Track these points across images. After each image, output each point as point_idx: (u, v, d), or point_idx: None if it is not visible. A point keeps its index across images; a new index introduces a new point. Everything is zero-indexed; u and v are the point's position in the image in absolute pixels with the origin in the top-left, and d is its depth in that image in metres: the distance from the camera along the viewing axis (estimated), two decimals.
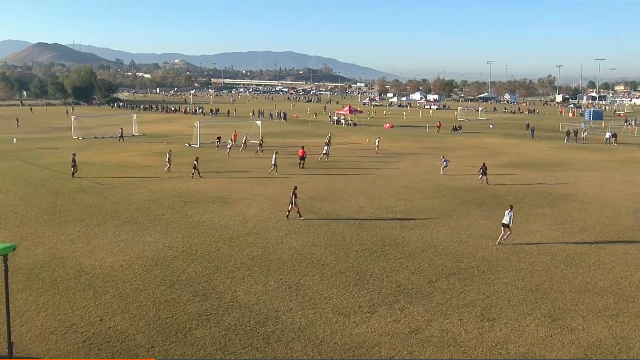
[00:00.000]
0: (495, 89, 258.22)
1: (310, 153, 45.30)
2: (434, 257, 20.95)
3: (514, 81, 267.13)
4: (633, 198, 32.05)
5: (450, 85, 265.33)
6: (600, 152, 54.82)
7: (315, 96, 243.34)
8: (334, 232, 24.29)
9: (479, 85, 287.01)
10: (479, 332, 14.82)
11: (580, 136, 67.43)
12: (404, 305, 16.52)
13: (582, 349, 13.94)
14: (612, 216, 27.71)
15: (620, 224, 26.36)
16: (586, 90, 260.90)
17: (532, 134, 70.08)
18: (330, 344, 14.10)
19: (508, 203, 30.48)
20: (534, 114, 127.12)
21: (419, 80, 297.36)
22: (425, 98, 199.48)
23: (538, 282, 18.56)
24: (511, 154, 52.29)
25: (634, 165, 46.31)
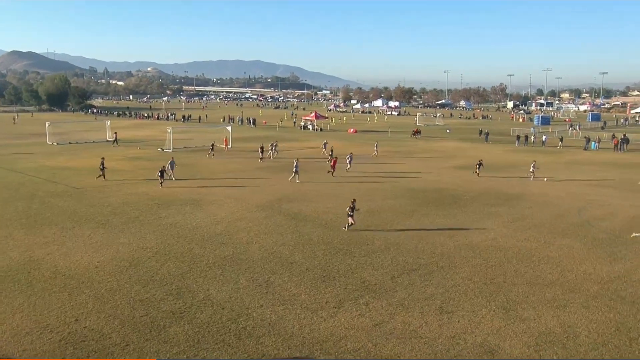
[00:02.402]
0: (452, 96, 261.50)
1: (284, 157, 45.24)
2: (396, 255, 21.11)
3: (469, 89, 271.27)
4: (578, 197, 32.86)
5: (410, 92, 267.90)
6: (548, 155, 56.04)
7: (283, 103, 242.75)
8: (302, 232, 24.26)
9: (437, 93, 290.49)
10: (438, 324, 14.98)
11: (530, 140, 68.84)
12: (368, 300, 16.59)
13: (534, 338, 14.21)
14: (559, 214, 28.35)
15: (567, 221, 26.98)
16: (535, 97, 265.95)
17: (486, 138, 71.28)
18: (299, 338, 14.07)
19: (464, 203, 31.00)
20: (488, 120, 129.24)
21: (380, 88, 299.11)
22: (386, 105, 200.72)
23: (492, 276, 18.87)
24: (467, 157, 53.02)
25: (578, 166, 47.53)
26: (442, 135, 79.80)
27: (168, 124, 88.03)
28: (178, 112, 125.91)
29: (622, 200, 31.92)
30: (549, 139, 68.54)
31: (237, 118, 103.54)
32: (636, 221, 26.87)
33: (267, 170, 42.35)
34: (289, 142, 64.69)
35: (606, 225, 26.18)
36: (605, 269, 19.65)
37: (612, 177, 40.90)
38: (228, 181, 37.13)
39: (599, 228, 25.60)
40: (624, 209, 29.68)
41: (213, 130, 67.76)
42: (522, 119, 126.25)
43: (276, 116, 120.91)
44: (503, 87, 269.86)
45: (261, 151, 47.72)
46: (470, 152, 57.41)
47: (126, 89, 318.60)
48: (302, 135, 76.69)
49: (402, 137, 74.28)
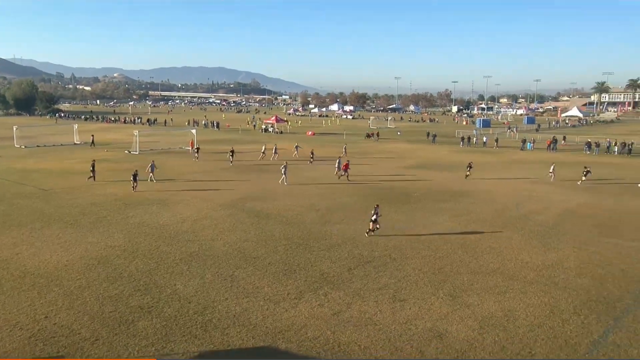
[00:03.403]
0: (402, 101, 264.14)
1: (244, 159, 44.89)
2: (352, 248, 21.24)
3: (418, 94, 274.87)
4: (516, 193, 33.79)
5: (364, 97, 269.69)
6: (489, 155, 57.43)
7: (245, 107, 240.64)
8: (264, 229, 24.13)
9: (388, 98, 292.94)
10: (391, 312, 15.15)
11: (473, 141, 70.42)
12: (327, 291, 16.64)
13: (477, 322, 14.54)
14: (500, 208, 29.08)
15: (507, 214, 27.71)
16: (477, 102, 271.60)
17: (434, 140, 72.49)
18: (262, 329, 13.99)
19: (415, 200, 31.42)
20: (435, 123, 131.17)
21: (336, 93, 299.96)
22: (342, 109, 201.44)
23: (440, 266, 19.20)
24: (416, 157, 53.84)
25: (516, 165, 48.88)
26: (393, 137, 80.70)
27: (134, 127, 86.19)
28: (144, 116, 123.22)
29: (555, 196, 33.00)
30: (490, 140, 70.25)
31: (203, 122, 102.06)
32: (567, 214, 27.83)
33: (232, 171, 41.96)
34: (251, 144, 64.16)
35: (541, 218, 27.01)
36: (541, 258, 20.27)
37: (545, 174, 42.21)
38: (194, 182, 36.60)
39: (535, 221, 26.39)
40: (557, 203, 30.70)
41: (178, 133, 66.75)
42: (465, 122, 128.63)
43: (239, 120, 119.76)
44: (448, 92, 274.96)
45: (231, 154, 46.29)
46: (419, 153, 58.29)
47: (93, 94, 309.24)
48: (264, 138, 76.18)
49: (356, 139, 74.75)
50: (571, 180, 38.85)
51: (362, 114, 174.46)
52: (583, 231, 24.35)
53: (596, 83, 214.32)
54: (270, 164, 46.29)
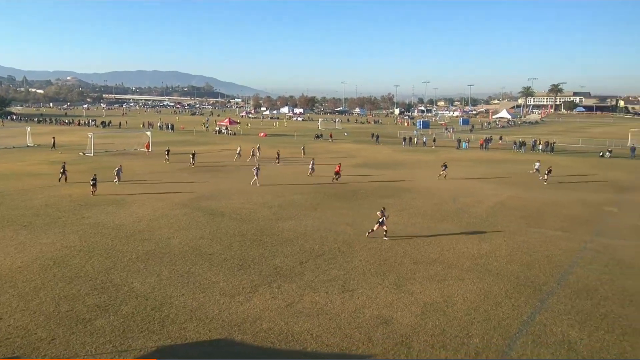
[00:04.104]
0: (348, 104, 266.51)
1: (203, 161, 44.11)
2: (304, 243, 21.26)
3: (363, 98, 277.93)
4: (453, 188, 34.75)
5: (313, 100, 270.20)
6: (428, 154, 58.80)
7: (199, 110, 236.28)
8: (219, 226, 23.79)
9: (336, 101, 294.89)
10: (341, 302, 15.27)
11: (414, 141, 71.93)
12: (280, 284, 16.60)
13: (420, 308, 14.87)
14: (438, 203, 29.84)
15: (445, 208, 28.47)
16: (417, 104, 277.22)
17: (377, 140, 73.53)
18: (219, 322, 13.81)
19: (362, 196, 31.75)
20: (379, 124, 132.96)
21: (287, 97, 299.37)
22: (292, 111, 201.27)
23: (385, 258, 19.49)
24: (362, 157, 54.44)
25: (453, 163, 50.17)
26: (340, 138, 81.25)
27: (89, 129, 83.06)
28: (98, 119, 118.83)
29: (487, 190, 34.17)
30: (429, 140, 71.94)
31: (158, 124, 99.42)
32: (498, 206, 28.88)
33: (187, 172, 41.13)
34: (206, 145, 63.11)
35: (475, 211, 27.91)
36: (476, 248, 20.93)
37: (479, 170, 43.63)
38: (150, 182, 35.62)
39: (470, 214, 27.24)
40: (489, 197, 31.80)
41: (133, 135, 64.82)
42: (406, 124, 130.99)
43: (193, 122, 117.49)
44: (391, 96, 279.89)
45: (192, 156, 44.73)
46: (364, 153, 58.96)
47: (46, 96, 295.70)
48: (218, 139, 75.16)
49: (306, 140, 74.85)
50: (500, 177, 40.30)
51: (311, 116, 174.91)
52: (512, 222, 25.34)
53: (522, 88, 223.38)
54: (227, 165, 45.72)
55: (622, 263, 19.14)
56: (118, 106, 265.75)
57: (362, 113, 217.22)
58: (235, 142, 70.25)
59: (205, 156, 49.96)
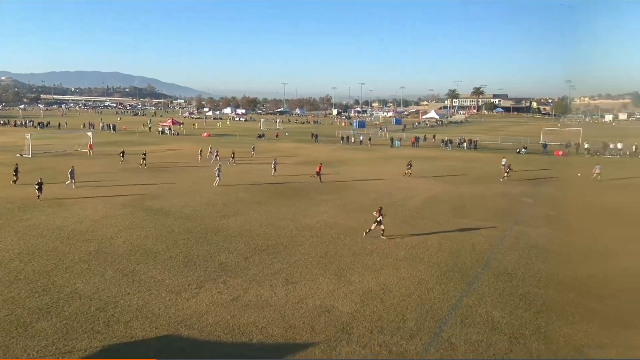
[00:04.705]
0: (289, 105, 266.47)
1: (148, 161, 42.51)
2: (248, 238, 21.06)
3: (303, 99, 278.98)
4: (388, 184, 35.57)
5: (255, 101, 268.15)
6: (364, 152, 59.83)
7: (141, 110, 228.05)
8: (164, 225, 23.10)
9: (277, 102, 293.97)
10: (285, 293, 15.27)
11: (351, 140, 72.93)
12: (226, 279, 16.37)
13: (359, 296, 15.13)
14: (375, 198, 30.41)
15: (381, 203, 28.90)
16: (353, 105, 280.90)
17: (316, 139, 73.94)
18: (165, 318, 13.42)
19: (304, 193, 31.80)
20: (318, 124, 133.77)
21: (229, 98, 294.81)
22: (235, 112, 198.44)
23: (326, 250, 19.66)
24: (303, 155, 54.56)
25: (387, 160, 51.42)
26: (282, 138, 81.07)
27: (26, 130, 78.03)
28: (36, 119, 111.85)
29: (420, 185, 35.22)
30: (365, 139, 73.19)
31: (100, 125, 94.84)
32: (430, 200, 29.85)
33: (131, 172, 39.60)
34: (149, 145, 60.99)
35: (409, 204, 28.70)
36: (409, 238, 21.51)
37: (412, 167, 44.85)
38: (92, 183, 33.94)
39: (404, 207, 27.98)
40: (421, 192, 32.80)
41: (73, 136, 61.60)
42: (344, 124, 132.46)
43: (135, 122, 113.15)
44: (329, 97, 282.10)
45: (143, 157, 42.70)
46: (304, 151, 59.13)
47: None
48: (161, 140, 72.87)
49: (249, 140, 74.08)
50: (430, 173, 41.64)
51: (253, 117, 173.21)
52: (441, 214, 26.28)
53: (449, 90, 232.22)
54: (172, 165, 44.42)
55: (537, 248, 20.34)
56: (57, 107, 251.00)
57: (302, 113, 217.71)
58: (178, 142, 68.45)
59: (150, 156, 48.21)
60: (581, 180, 39.10)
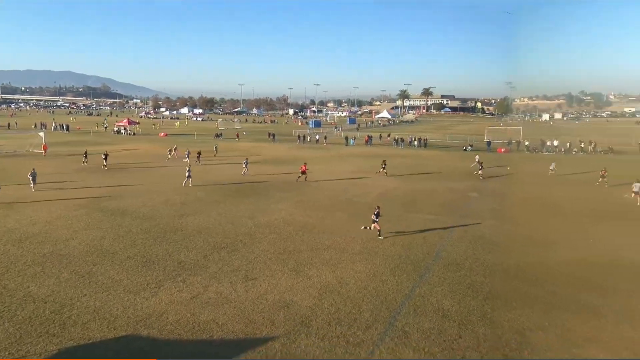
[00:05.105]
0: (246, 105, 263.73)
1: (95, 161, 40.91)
2: (207, 237, 20.72)
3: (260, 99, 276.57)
4: (344, 181, 35.83)
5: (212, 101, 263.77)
6: (320, 150, 60.03)
7: (96, 110, 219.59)
8: (121, 225, 22.36)
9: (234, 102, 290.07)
10: (245, 290, 15.13)
11: (307, 139, 72.99)
12: (185, 278, 16.04)
13: (317, 290, 15.19)
14: (331, 195, 30.61)
15: (337, 199, 29.28)
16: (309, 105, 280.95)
17: (274, 138, 73.56)
18: (124, 319, 13.01)
19: (261, 191, 31.55)
20: (275, 124, 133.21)
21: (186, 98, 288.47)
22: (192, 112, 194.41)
23: (285, 246, 19.62)
24: (262, 154, 54.12)
25: (342, 158, 51.82)
26: (241, 137, 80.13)
27: None
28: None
29: (373, 181, 35.71)
30: (320, 138, 73.43)
31: (52, 125, 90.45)
32: (383, 195, 30.30)
33: (87, 172, 38.07)
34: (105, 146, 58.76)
35: (363, 200, 29.03)
36: (365, 233, 21.61)
37: (365, 163, 45.41)
38: (47, 185, 32.35)
39: (358, 203, 28.29)
40: (375, 188, 33.26)
41: (24, 136, 58.56)
42: (300, 123, 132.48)
43: (90, 122, 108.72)
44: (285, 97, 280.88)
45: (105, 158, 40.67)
46: (263, 150, 58.68)
47: None
48: (117, 140, 70.41)
49: (207, 139, 72.78)
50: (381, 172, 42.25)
51: (211, 117, 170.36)
52: (394, 209, 26.74)
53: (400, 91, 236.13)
54: (129, 165, 42.98)
55: (483, 239, 21.07)
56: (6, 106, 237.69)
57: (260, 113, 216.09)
58: (135, 142, 66.41)
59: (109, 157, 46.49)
60: (523, 175, 40.83)
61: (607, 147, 61.37)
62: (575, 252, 19.36)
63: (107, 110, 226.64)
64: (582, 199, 30.43)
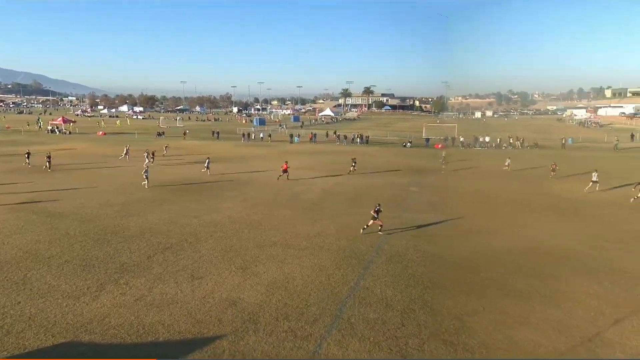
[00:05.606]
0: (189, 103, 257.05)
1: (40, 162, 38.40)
2: (151, 237, 20.01)
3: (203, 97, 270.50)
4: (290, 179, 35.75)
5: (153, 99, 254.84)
6: (265, 148, 59.60)
7: (27, 108, 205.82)
8: (58, 228, 21.12)
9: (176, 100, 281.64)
10: (191, 289, 14.77)
11: (252, 137, 72.21)
12: (128, 280, 15.41)
13: (264, 286, 15.08)
14: (276, 192, 30.48)
15: (282, 196, 29.19)
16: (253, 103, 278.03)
17: (218, 136, 72.20)
18: (62, 325, 12.30)
19: (206, 189, 30.87)
20: (219, 122, 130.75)
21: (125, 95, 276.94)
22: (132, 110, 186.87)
23: (231, 244, 19.33)
24: (206, 152, 52.90)
25: (287, 155, 51.51)
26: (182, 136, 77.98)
27: None
28: None
29: (317, 178, 35.92)
30: (265, 135, 72.92)
31: None
32: (326, 193, 30.57)
33: (18, 173, 35.60)
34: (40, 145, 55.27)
35: (308, 197, 29.16)
36: (309, 229, 21.89)
37: (309, 160, 45.59)
38: None
39: (303, 200, 28.37)
40: (319, 184, 33.47)
41: None
42: (245, 121, 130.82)
43: (21, 121, 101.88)
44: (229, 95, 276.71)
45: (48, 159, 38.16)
46: (207, 149, 57.41)
47: None
48: (52, 139, 66.40)
49: (148, 138, 70.25)
50: (327, 166, 42.61)
51: (152, 115, 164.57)
52: (338, 204, 27.06)
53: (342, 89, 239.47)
54: (62, 164, 40.61)
55: (424, 232, 21.77)
56: None
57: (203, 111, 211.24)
58: (71, 141, 62.98)
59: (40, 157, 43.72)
60: (459, 169, 42.56)
61: (534, 143, 65.28)
62: (508, 241, 20.43)
63: (39, 108, 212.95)
64: (519, 192, 32.12)
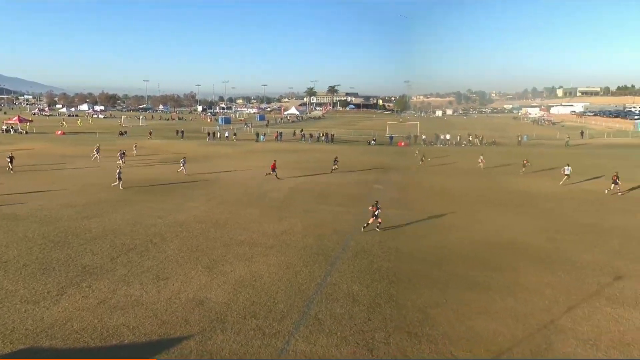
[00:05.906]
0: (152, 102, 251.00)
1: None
2: (114, 239, 19.45)
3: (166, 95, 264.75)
4: (256, 177, 35.50)
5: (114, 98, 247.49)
6: (231, 147, 58.92)
7: None
8: (15, 231, 20.22)
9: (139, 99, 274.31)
10: (157, 290, 14.45)
11: (217, 136, 71.25)
12: (90, 283, 14.92)
13: (232, 285, 14.93)
14: (243, 191, 30.20)
15: (249, 195, 28.94)
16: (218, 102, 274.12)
17: (182, 136, 70.89)
18: (22, 331, 11.81)
19: (171, 190, 30.25)
20: (183, 121, 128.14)
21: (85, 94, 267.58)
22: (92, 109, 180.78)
23: (197, 244, 19.04)
24: (170, 152, 51.94)
25: (253, 153, 51.33)
26: (145, 135, 76.05)
27: None
28: None
29: (285, 176, 35.78)
30: (230, 134, 72.09)
31: None
32: (293, 190, 30.53)
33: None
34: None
35: (275, 195, 29.04)
36: (277, 227, 21.81)
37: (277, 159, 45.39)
38: None
39: (271, 198, 28.24)
40: (286, 182, 33.38)
41: None
42: (209, 120, 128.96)
43: None
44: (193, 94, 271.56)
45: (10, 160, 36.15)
46: (171, 148, 56.33)
47: None
48: (8, 139, 63.44)
49: (110, 137, 68.16)
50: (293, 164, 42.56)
51: (113, 114, 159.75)
52: (305, 202, 27.08)
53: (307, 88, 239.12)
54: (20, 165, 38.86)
55: (389, 228, 22.06)
56: None
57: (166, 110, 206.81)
58: (28, 141, 60.39)
59: None
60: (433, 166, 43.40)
61: (492, 140, 67.27)
62: (470, 235, 20.97)
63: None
64: (486, 188, 32.96)
